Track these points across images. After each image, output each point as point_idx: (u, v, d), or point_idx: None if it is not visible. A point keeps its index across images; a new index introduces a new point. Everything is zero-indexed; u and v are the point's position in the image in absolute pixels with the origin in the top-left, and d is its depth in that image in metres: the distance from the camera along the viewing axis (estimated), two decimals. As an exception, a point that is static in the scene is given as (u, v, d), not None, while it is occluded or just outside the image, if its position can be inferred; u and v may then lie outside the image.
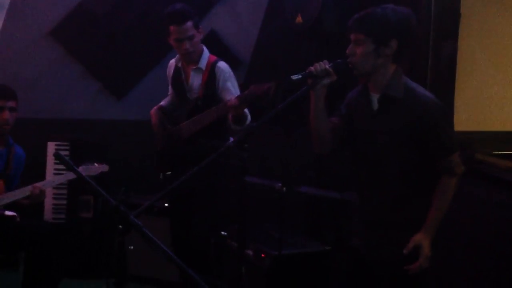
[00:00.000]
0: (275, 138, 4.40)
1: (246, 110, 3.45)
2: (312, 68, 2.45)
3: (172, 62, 3.81)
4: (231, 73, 3.64)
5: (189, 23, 3.52)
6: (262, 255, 3.31)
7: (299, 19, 4.16)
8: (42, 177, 4.39)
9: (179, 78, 3.75)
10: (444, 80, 3.80)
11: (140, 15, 4.80)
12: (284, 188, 2.46)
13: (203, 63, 3.63)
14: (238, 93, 3.54)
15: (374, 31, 2.40)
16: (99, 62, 4.86)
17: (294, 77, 2.41)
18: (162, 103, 3.91)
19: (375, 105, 2.52)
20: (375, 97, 2.52)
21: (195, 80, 3.67)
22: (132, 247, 4.00)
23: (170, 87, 3.90)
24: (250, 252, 3.40)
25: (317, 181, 3.79)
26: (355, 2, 3.90)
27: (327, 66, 2.45)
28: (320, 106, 2.52)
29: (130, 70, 4.89)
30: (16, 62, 4.74)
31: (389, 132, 2.46)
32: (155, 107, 3.86)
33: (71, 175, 3.62)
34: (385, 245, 2.50)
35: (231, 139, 3.68)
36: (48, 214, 4.52)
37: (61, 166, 4.37)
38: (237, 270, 2.46)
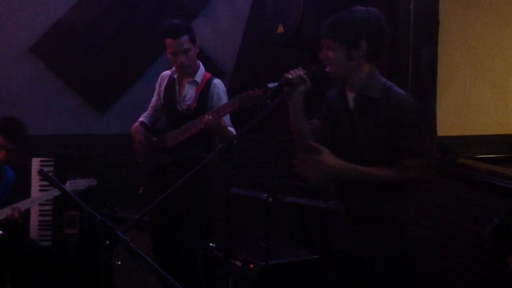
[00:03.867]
0: (260, 148, 4.42)
1: (232, 130, 3.46)
2: (288, 75, 2.48)
3: (167, 73, 3.82)
4: (225, 91, 3.67)
5: (185, 37, 3.56)
6: (251, 266, 3.31)
7: (280, 29, 4.18)
8: (27, 193, 4.36)
9: (172, 89, 3.75)
10: (425, 86, 3.83)
11: (121, 30, 4.80)
12: (270, 199, 2.47)
13: (199, 77, 3.67)
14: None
15: (342, 35, 2.43)
16: (80, 77, 4.83)
17: (271, 85, 2.43)
18: (142, 118, 3.88)
19: (351, 104, 2.54)
20: (351, 96, 2.54)
21: (189, 92, 3.68)
22: (119, 263, 3.98)
23: (154, 98, 3.89)
24: (238, 263, 3.40)
25: (303, 190, 3.80)
26: (335, 11, 3.93)
27: (302, 73, 2.48)
28: (298, 113, 2.55)
29: (112, 84, 4.87)
30: (-3, 79, 4.72)
31: (367, 131, 2.48)
32: (136, 124, 3.83)
33: (55, 192, 3.61)
34: (371, 241, 2.50)
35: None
36: (34, 231, 4.48)
37: (47, 182, 4.35)
38: (224, 281, 2.46)
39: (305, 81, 2.48)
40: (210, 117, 3.35)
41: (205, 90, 3.63)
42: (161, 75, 3.87)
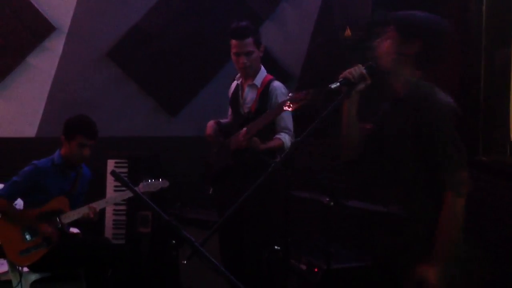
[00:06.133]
0: (322, 151, 4.40)
1: (281, 136, 3.54)
2: (348, 74, 2.41)
3: (235, 82, 3.91)
4: (285, 92, 3.69)
5: (250, 39, 3.64)
6: (315, 269, 3.32)
7: (348, 32, 4.17)
8: (103, 193, 4.54)
9: (236, 94, 3.86)
10: (498, 90, 3.71)
11: (193, 35, 4.92)
12: (332, 202, 2.47)
13: (258, 80, 3.73)
14: (289, 114, 3.58)
15: (402, 27, 2.40)
16: (153, 81, 5.00)
17: (333, 85, 2.37)
18: (221, 120, 3.98)
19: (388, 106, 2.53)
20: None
21: (249, 95, 3.77)
22: (185, 261, 4.08)
23: (230, 107, 3.98)
24: (303, 266, 3.42)
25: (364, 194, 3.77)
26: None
27: (363, 71, 2.41)
28: (353, 113, 2.49)
29: (183, 88, 5.01)
30: (76, 83, 4.93)
31: (397, 132, 2.43)
32: (213, 120, 3.92)
33: (129, 193, 3.75)
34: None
35: (278, 156, 3.75)
36: (108, 230, 4.66)
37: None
38: (284, 283, 2.49)
39: (365, 78, 2.41)
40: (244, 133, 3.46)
41: (264, 93, 3.68)
42: (231, 85, 3.95)
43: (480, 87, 3.70)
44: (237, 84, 3.86)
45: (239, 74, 3.84)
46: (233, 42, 3.68)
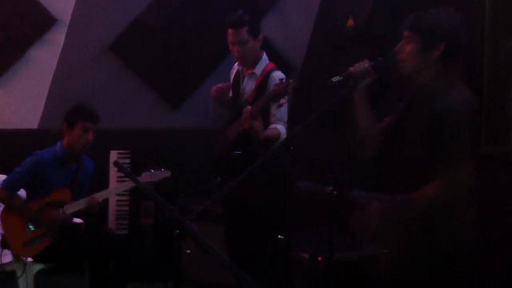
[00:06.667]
0: (327, 140, 4.40)
1: (277, 126, 3.54)
2: (352, 69, 2.44)
3: (236, 66, 3.90)
4: None
5: (244, 29, 3.62)
6: (319, 258, 3.33)
7: (350, 22, 4.16)
8: (105, 184, 4.56)
9: (237, 81, 3.84)
10: (502, 82, 3.70)
11: (194, 28, 4.92)
12: (335, 192, 2.48)
13: (258, 70, 3.70)
14: (285, 105, 3.59)
15: (424, 31, 2.40)
16: (155, 74, 5.00)
17: (335, 79, 2.41)
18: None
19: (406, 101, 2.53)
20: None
21: (248, 85, 3.75)
22: (189, 251, 4.10)
23: (231, 90, 3.97)
24: (306, 256, 3.43)
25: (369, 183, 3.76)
26: (407, 5, 3.87)
27: (367, 66, 2.43)
28: (363, 107, 2.49)
29: (186, 80, 5.02)
30: (78, 75, 4.93)
31: (413, 128, 2.43)
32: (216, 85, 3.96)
33: (131, 184, 3.76)
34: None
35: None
36: (111, 220, 4.69)
37: (123, 174, 4.53)
38: (287, 274, 2.50)
39: (370, 73, 2.44)
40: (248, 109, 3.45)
41: (263, 83, 3.64)
42: (233, 66, 3.94)
43: (483, 77, 3.69)
44: (238, 70, 3.83)
45: None
46: (229, 31, 3.67)
